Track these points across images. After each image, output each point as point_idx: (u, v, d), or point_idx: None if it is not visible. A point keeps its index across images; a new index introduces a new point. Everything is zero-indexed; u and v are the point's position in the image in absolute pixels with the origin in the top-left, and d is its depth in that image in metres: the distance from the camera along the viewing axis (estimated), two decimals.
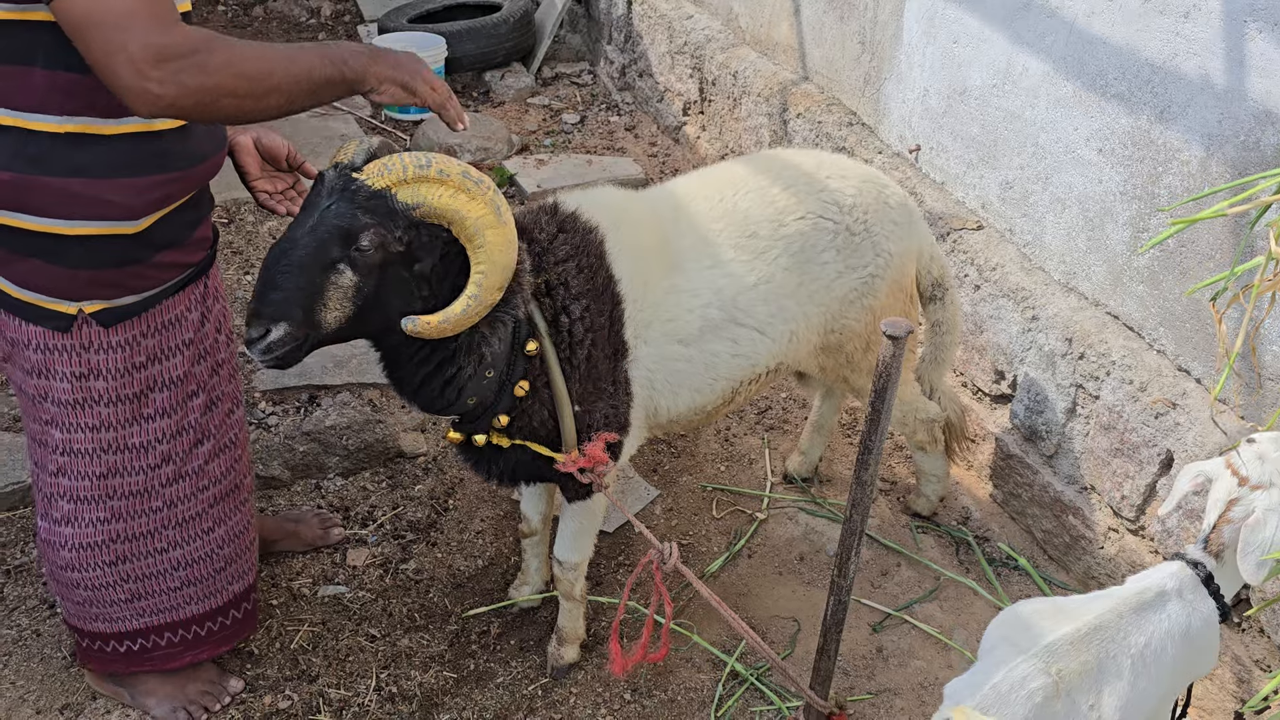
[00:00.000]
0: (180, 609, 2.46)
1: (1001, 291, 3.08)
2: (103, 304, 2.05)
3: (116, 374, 2.12)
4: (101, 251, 1.98)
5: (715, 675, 2.70)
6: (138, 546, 2.33)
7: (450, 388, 2.14)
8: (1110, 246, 2.76)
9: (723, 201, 2.46)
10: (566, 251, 2.23)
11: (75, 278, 1.99)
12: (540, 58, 6.06)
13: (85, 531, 2.28)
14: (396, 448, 3.38)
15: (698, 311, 2.37)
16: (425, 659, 2.73)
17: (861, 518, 2.18)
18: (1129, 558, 2.73)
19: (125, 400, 2.16)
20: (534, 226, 2.25)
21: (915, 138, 3.54)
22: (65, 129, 1.85)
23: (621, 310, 2.28)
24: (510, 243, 1.97)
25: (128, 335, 2.10)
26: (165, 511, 2.33)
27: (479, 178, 1.92)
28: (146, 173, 1.96)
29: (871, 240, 2.52)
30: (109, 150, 1.89)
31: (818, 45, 4.10)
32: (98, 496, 2.25)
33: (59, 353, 2.06)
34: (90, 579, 2.34)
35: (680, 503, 3.25)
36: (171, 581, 2.42)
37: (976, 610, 2.87)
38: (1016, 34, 2.99)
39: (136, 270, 2.06)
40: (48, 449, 2.20)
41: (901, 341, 1.96)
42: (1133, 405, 2.64)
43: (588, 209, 2.32)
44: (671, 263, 2.37)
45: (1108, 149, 2.72)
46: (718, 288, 2.38)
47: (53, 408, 2.13)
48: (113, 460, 2.22)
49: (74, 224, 1.93)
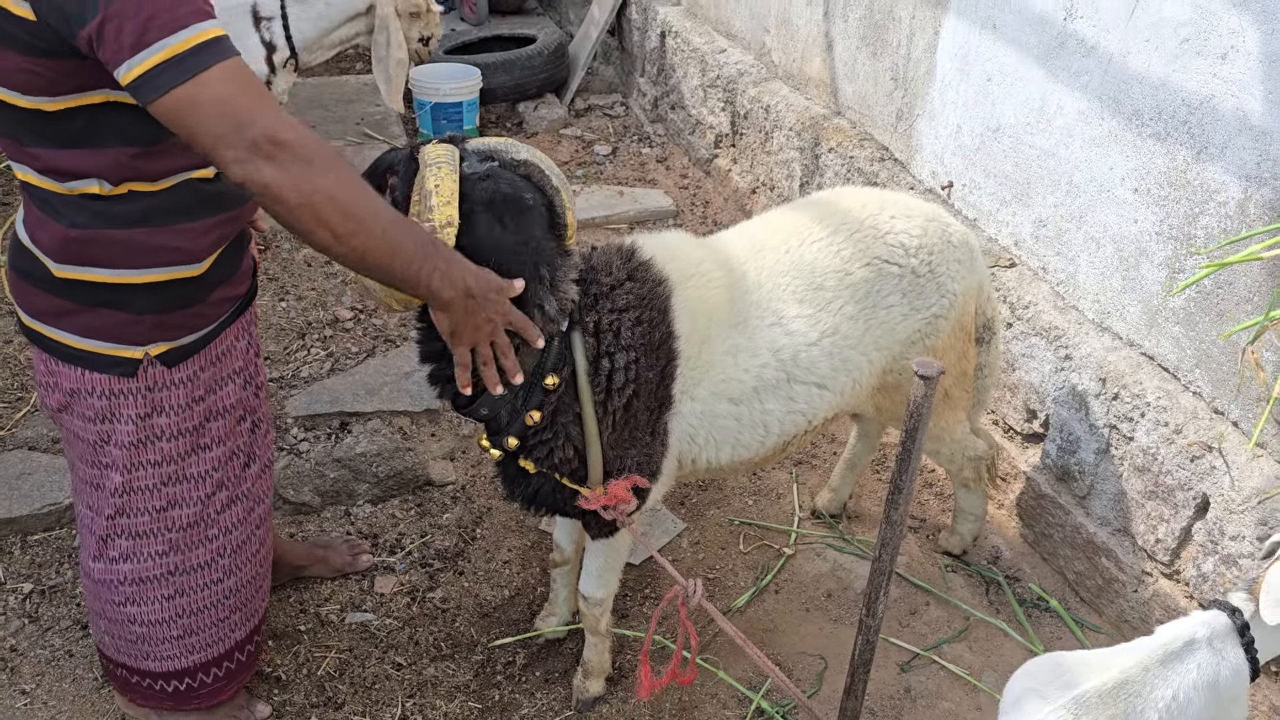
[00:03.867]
0: (225, 640, 2.48)
1: (1034, 330, 3.06)
2: (167, 345, 2.08)
3: (179, 409, 2.15)
4: (167, 296, 2.03)
5: (740, 712, 2.68)
6: (195, 579, 2.35)
7: (450, 385, 2.15)
8: (1145, 286, 2.75)
9: (789, 254, 2.43)
10: (628, 301, 2.20)
11: (142, 323, 2.03)
12: (573, 89, 6.12)
13: (144, 566, 2.29)
14: (425, 476, 3.40)
15: (754, 372, 2.34)
16: (451, 689, 2.73)
17: (891, 557, 2.17)
18: (1163, 602, 2.69)
19: (186, 433, 2.19)
20: (602, 267, 2.23)
21: (948, 174, 3.54)
22: (118, 191, 1.90)
23: (675, 367, 2.26)
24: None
25: (189, 372, 2.14)
26: (221, 539, 2.36)
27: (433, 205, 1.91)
28: (205, 215, 2.02)
29: (936, 281, 2.49)
30: (164, 199, 1.93)
31: (850, 81, 4.11)
32: (157, 530, 2.27)
33: (125, 396, 2.09)
34: (146, 614, 2.35)
35: (707, 536, 3.24)
36: (221, 611, 2.43)
37: (1006, 652, 2.83)
38: (1051, 72, 2.99)
39: (197, 310, 2.11)
40: (104, 492, 2.21)
41: (933, 382, 1.96)
42: (1168, 447, 2.61)
43: (661, 259, 2.29)
44: (735, 320, 2.34)
45: (1143, 189, 2.71)
46: (777, 347, 2.35)
47: (115, 451, 2.15)
48: (172, 492, 2.24)
49: (142, 273, 1.98)
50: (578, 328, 2.17)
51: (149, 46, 1.63)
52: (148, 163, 1.89)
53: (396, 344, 3.96)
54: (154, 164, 1.90)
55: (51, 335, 2.04)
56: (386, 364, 3.77)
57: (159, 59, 1.63)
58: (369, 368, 3.75)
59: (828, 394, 2.43)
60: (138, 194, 1.91)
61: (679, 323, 2.25)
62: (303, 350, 3.90)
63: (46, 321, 2.03)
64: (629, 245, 2.32)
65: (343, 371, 3.75)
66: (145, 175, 1.90)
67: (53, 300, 2.00)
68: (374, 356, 3.86)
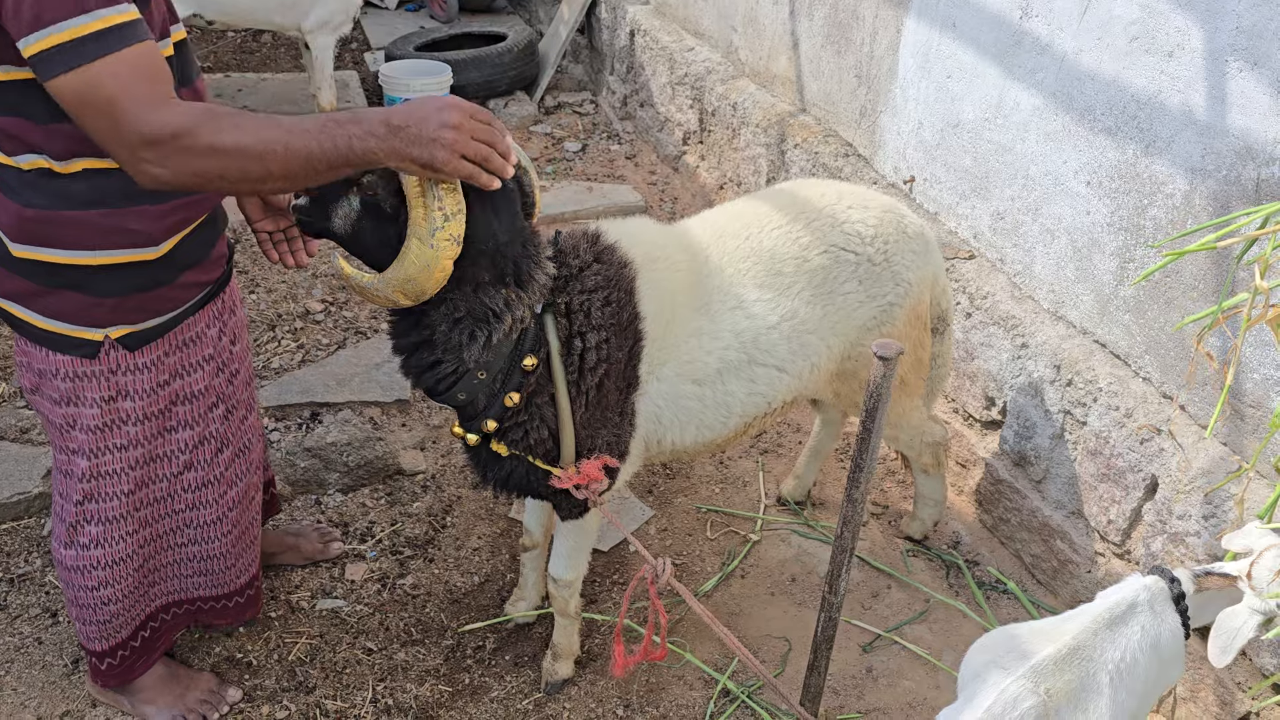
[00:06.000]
0: (187, 591, 2.54)
1: (992, 319, 3.14)
2: (128, 328, 2.10)
3: (143, 393, 2.17)
4: (125, 278, 2.04)
5: (707, 693, 2.74)
6: (160, 544, 2.41)
7: (429, 375, 2.18)
8: (1098, 276, 2.83)
9: (749, 239, 2.49)
10: (596, 282, 2.25)
11: (101, 305, 2.04)
12: (544, 87, 6.16)
13: (115, 550, 2.32)
14: (396, 465, 3.43)
15: (716, 354, 2.40)
16: (421, 672, 2.77)
17: (852, 535, 2.23)
18: (1115, 581, 2.76)
19: (152, 417, 2.21)
20: (570, 250, 2.28)
21: (910, 169, 3.62)
22: (70, 169, 1.90)
23: (641, 347, 2.31)
24: (426, 267, 1.94)
25: (153, 356, 2.16)
26: (187, 513, 2.40)
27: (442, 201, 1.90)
28: (162, 198, 2.01)
29: (891, 270, 2.56)
30: (121, 180, 1.91)
31: (815, 78, 4.19)
32: (126, 512, 2.30)
33: (87, 379, 2.10)
34: (119, 594, 2.38)
35: (675, 523, 3.30)
36: (185, 570, 2.50)
37: (965, 632, 2.91)
38: (1008, 69, 3.07)
39: (160, 293, 2.12)
40: (73, 479, 2.23)
41: (892, 363, 2.02)
42: (1119, 431, 2.69)
43: (626, 243, 2.34)
44: (699, 303, 2.40)
45: (1095, 181, 2.80)
46: (739, 330, 2.41)
47: (80, 435, 2.17)
48: (140, 474, 2.27)
49: (98, 254, 1.98)
50: (550, 310, 2.22)
51: (46, 26, 1.62)
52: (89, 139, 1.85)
53: (367, 335, 3.98)
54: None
55: (20, 315, 2.05)
56: (357, 355, 3.80)
57: (53, 41, 1.62)
58: (339, 359, 3.78)
59: (786, 377, 2.49)
60: (92, 173, 1.91)
61: (645, 304, 2.30)
62: (273, 342, 3.92)
63: (15, 301, 2.04)
64: (594, 230, 2.37)
65: (313, 363, 3.78)
66: (97, 152, 1.88)
67: (16, 280, 2.01)
68: (345, 348, 3.88)
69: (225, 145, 1.68)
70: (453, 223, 1.94)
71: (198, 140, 1.67)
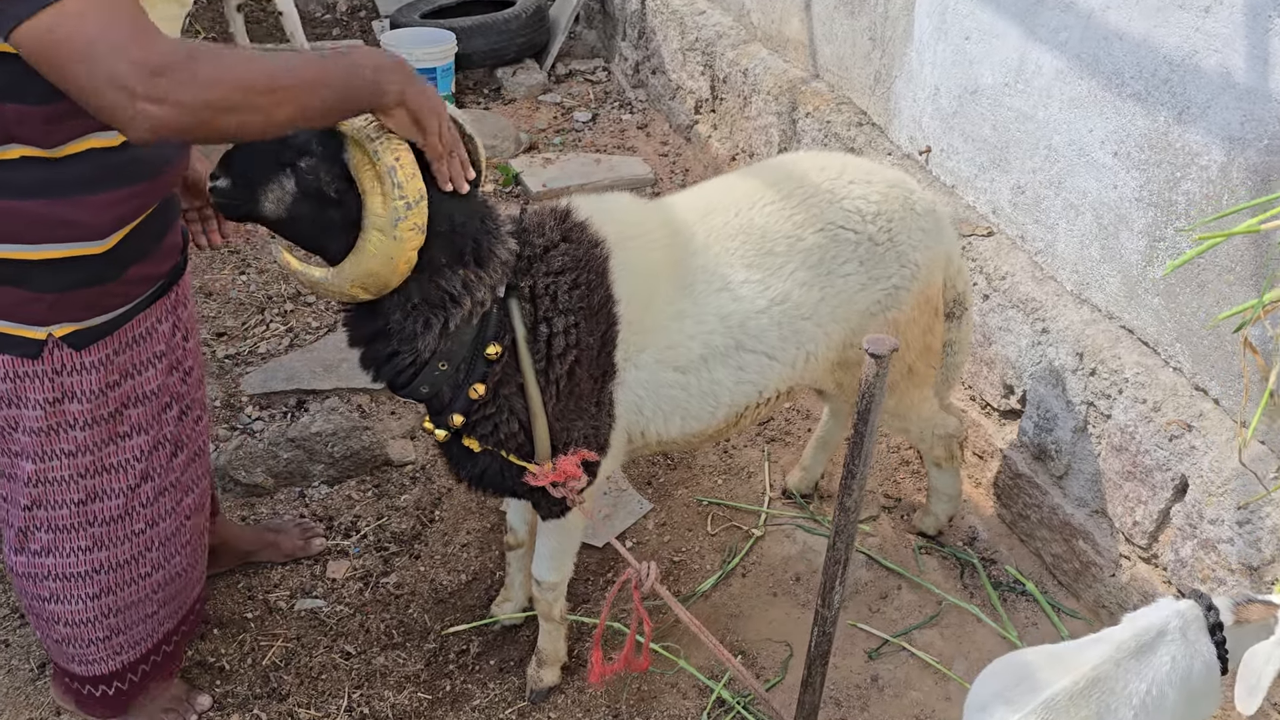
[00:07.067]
0: (154, 634, 2.39)
1: (1011, 302, 2.92)
2: (73, 326, 1.94)
3: (91, 395, 2.02)
4: (68, 273, 1.88)
5: (701, 702, 2.58)
6: (121, 575, 2.24)
7: (388, 366, 2.07)
8: (1125, 256, 2.61)
9: (738, 216, 2.31)
10: (563, 263, 2.11)
11: (42, 301, 1.89)
12: (554, 54, 5.95)
13: (67, 561, 2.18)
14: (384, 455, 3.28)
15: (700, 338, 2.24)
16: (400, 679, 2.63)
17: (846, 546, 2.05)
18: (1140, 587, 2.57)
19: (101, 421, 2.06)
20: (535, 229, 2.14)
21: (926, 139, 3.39)
22: (7, 155, 1.74)
23: (615, 332, 2.16)
24: (389, 259, 1.85)
25: (101, 355, 2.00)
26: (147, 532, 2.24)
27: (403, 188, 1.79)
28: (109, 188, 1.85)
29: (896, 250, 2.36)
30: (63, 170, 1.77)
31: (828, 42, 3.95)
32: (78, 524, 2.15)
33: (29, 379, 1.95)
34: (71, 613, 2.24)
35: (674, 517, 3.13)
36: (149, 607, 2.34)
37: (979, 639, 2.73)
38: (1030, 29, 2.84)
39: (107, 289, 1.96)
40: (18, 483, 2.09)
41: (885, 360, 1.84)
42: (1146, 426, 2.48)
43: (598, 220, 2.18)
44: (681, 284, 2.24)
45: (1123, 152, 2.57)
46: (725, 313, 2.24)
47: (24, 438, 2.02)
48: (91, 484, 2.12)
49: (37, 248, 1.83)
50: (514, 294, 2.07)
51: None
52: (40, 124, 1.72)
53: None
54: (49, 126, 1.72)
55: None
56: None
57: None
58: (329, 343, 3.63)
59: (778, 365, 2.32)
60: (30, 161, 1.75)
61: (618, 285, 2.14)
62: (262, 325, 3.78)
63: None
64: (563, 206, 2.22)
65: (302, 347, 3.64)
66: (37, 139, 1.73)
67: None
68: (335, 331, 3.74)
69: (230, 73, 1.55)
70: (415, 210, 1.83)
71: (199, 69, 1.52)
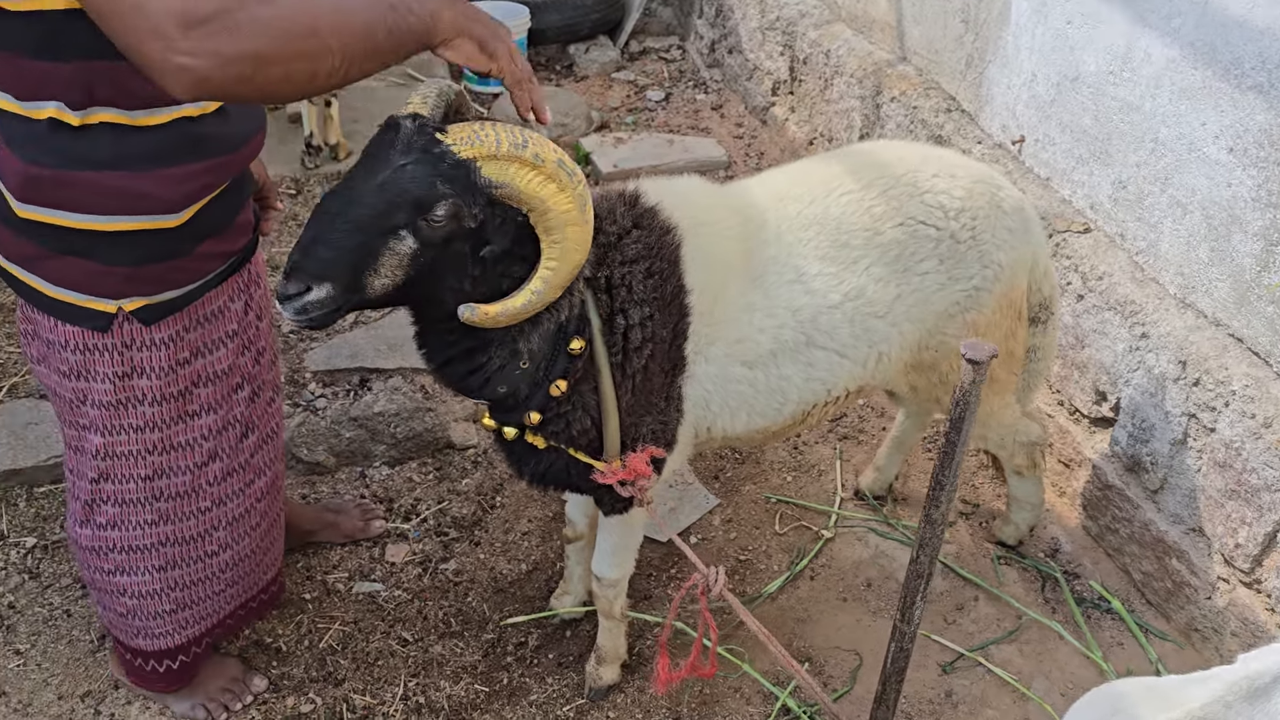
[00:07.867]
0: (220, 611, 2.38)
1: (1108, 303, 2.76)
2: (144, 300, 1.91)
3: (161, 372, 1.99)
4: (141, 247, 1.84)
5: (765, 709, 2.49)
6: (187, 551, 2.23)
7: (476, 375, 1.96)
8: (1237, 259, 2.44)
9: (813, 205, 2.19)
10: (637, 251, 2.01)
11: (113, 274, 1.85)
12: (628, 31, 5.84)
13: (133, 535, 2.17)
14: (446, 438, 3.23)
15: (770, 333, 2.13)
16: (457, 669, 2.58)
17: (930, 559, 1.94)
18: (1240, 613, 2.42)
19: (170, 399, 2.03)
20: (607, 216, 2.02)
21: (1019, 128, 3.22)
22: (88, 120, 1.69)
23: (687, 324, 2.06)
24: (586, 241, 1.80)
25: (171, 331, 1.97)
26: (214, 511, 2.22)
27: (573, 169, 1.72)
28: (185, 161, 1.80)
29: (979, 249, 2.22)
30: (141, 141, 1.73)
31: (917, 23, 3.79)
32: (145, 499, 2.13)
33: (99, 353, 1.93)
34: (136, 585, 2.23)
35: (741, 514, 3.04)
36: (217, 585, 2.33)
37: (1060, 657, 2.59)
38: (1139, 14, 2.66)
39: (178, 264, 1.92)
40: (85, 455, 2.07)
41: (983, 366, 1.71)
42: (1254, 443, 2.32)
43: (669, 206, 2.08)
44: (752, 276, 2.14)
45: (1240, 148, 2.40)
46: (796, 307, 2.14)
47: (92, 411, 2.00)
48: (159, 461, 2.09)
49: (111, 219, 1.79)
50: (588, 285, 1.98)
51: None
52: (119, 82, 1.65)
53: None
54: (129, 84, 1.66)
55: (25, 279, 1.88)
56: None
57: None
58: (393, 320, 3.58)
59: (848, 363, 2.21)
60: (110, 129, 1.70)
61: (690, 275, 2.04)
62: None
63: (19, 264, 1.87)
64: (631, 191, 2.10)
65: (366, 324, 3.59)
66: (117, 102, 1.68)
67: (21, 242, 1.83)
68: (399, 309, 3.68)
69: (271, 18, 1.46)
70: (581, 186, 1.75)
71: (242, 13, 1.44)
